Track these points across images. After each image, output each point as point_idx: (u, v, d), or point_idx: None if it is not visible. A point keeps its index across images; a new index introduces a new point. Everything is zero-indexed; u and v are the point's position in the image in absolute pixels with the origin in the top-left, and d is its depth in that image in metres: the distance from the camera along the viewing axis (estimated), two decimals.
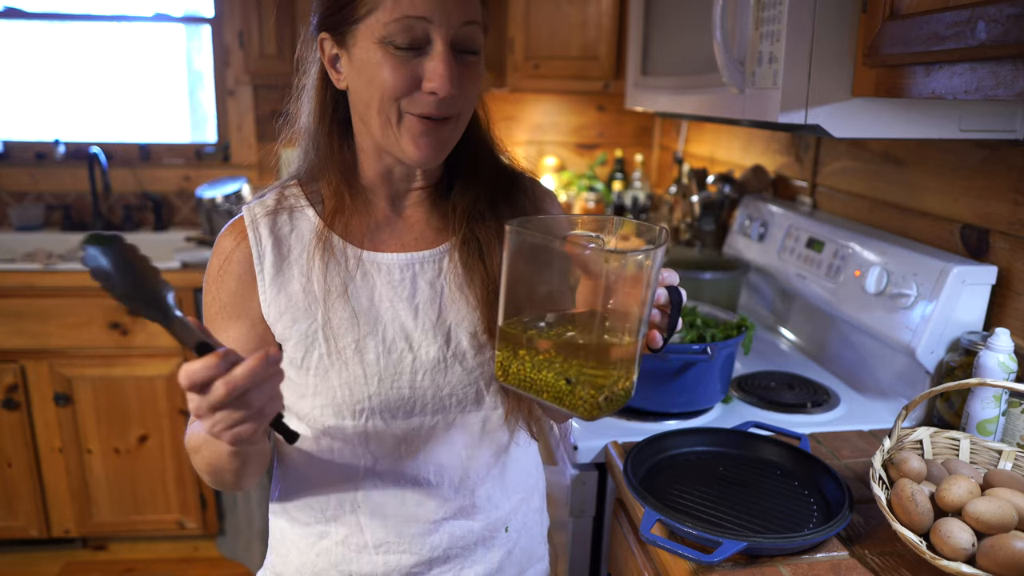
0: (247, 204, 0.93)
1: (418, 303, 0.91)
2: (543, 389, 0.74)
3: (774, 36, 1.07)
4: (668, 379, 1.25)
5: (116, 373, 2.38)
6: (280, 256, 0.90)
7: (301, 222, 0.91)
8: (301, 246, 0.90)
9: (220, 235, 0.92)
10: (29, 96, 2.94)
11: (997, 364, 1.09)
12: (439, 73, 0.81)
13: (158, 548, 2.63)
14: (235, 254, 0.90)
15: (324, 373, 0.88)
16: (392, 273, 0.91)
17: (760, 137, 2.14)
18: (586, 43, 2.55)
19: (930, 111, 1.10)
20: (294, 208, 0.92)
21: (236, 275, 0.90)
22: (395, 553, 0.93)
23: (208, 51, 2.88)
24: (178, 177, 2.90)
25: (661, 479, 1.06)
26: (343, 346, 0.88)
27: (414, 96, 0.82)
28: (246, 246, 0.90)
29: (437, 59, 0.81)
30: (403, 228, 0.94)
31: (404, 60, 0.81)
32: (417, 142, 0.84)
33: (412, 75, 0.82)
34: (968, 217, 1.30)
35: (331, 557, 0.94)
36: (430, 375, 0.90)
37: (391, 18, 0.80)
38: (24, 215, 2.74)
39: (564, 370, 0.73)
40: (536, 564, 1.06)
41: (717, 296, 1.77)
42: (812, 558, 0.90)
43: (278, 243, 0.90)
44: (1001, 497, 0.85)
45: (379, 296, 0.90)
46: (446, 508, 0.94)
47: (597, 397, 0.72)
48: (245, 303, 0.90)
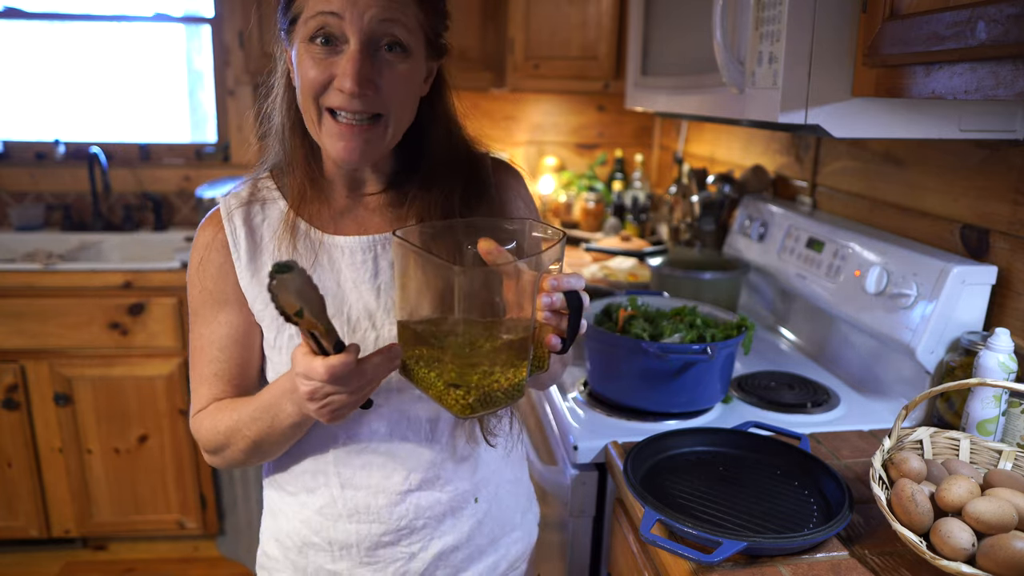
0: (223, 196, 0.98)
1: (380, 284, 0.95)
2: (428, 387, 0.81)
3: (774, 36, 1.07)
4: (668, 379, 1.25)
5: (116, 373, 2.38)
6: (253, 244, 0.95)
7: (272, 212, 0.97)
8: (271, 233, 0.95)
9: (198, 228, 0.98)
10: (29, 96, 2.94)
11: (997, 364, 1.09)
12: (345, 70, 0.83)
13: (158, 548, 2.63)
14: (213, 243, 0.95)
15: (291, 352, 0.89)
16: (355, 255, 0.95)
17: (760, 137, 2.14)
18: (586, 43, 2.55)
19: (930, 111, 1.10)
20: (266, 200, 0.97)
21: (217, 264, 0.95)
22: (365, 523, 0.97)
23: (208, 51, 2.88)
24: (178, 177, 2.90)
25: (661, 479, 1.06)
26: None
27: (329, 92, 0.85)
28: (222, 236, 0.95)
29: (346, 56, 0.84)
30: (364, 214, 0.98)
31: (322, 57, 0.84)
32: (335, 143, 0.86)
33: (328, 72, 0.84)
34: (968, 217, 1.30)
35: (312, 525, 0.99)
36: None
37: (310, 15, 0.84)
38: (24, 215, 2.74)
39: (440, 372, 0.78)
40: (511, 533, 1.07)
41: (717, 296, 1.77)
42: (812, 558, 0.90)
43: (251, 232, 0.95)
44: (1001, 497, 0.85)
45: (344, 278, 0.95)
46: (411, 480, 0.97)
47: (468, 398, 0.77)
48: (229, 289, 0.95)
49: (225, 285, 0.95)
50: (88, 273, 2.32)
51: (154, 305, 2.35)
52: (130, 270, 2.33)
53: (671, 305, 1.44)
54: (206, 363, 0.97)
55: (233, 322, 0.96)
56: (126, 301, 2.34)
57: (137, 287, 2.33)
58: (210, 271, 0.95)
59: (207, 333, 0.96)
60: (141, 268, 2.34)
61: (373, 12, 0.83)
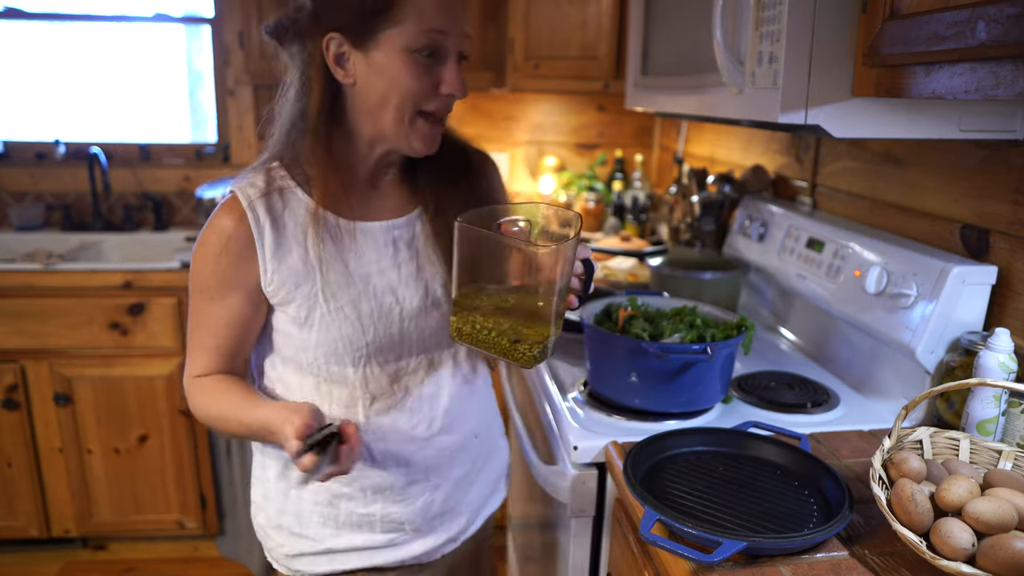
0: (236, 185, 1.03)
1: (400, 262, 1.08)
2: (491, 347, 0.94)
3: (774, 36, 1.07)
4: (668, 379, 1.25)
5: (116, 373, 2.38)
6: (277, 232, 1.02)
7: (292, 201, 1.04)
8: (295, 222, 1.03)
9: (216, 215, 1.03)
10: (29, 96, 2.94)
11: (997, 364, 1.09)
12: (455, 78, 0.99)
13: (158, 548, 2.63)
14: (236, 233, 1.01)
15: (326, 328, 1.04)
16: (377, 238, 1.07)
17: (760, 137, 2.14)
18: (586, 43, 2.55)
19: (930, 111, 1.10)
20: (284, 188, 1.04)
21: (236, 252, 1.01)
22: (398, 467, 1.12)
23: (208, 51, 2.88)
24: (178, 177, 2.90)
25: (661, 479, 1.06)
26: (342, 304, 1.04)
27: (431, 99, 0.99)
28: (246, 226, 1.01)
29: (451, 66, 0.99)
30: (381, 200, 1.10)
31: (426, 67, 0.97)
32: (425, 139, 1.01)
33: (431, 80, 0.98)
34: (968, 217, 1.30)
35: (342, 478, 1.08)
36: (415, 321, 1.08)
37: (418, 30, 0.95)
38: (24, 215, 2.74)
39: (505, 331, 0.93)
40: (497, 455, 1.31)
41: (717, 296, 1.77)
42: (812, 558, 0.90)
43: (275, 221, 1.02)
44: (1001, 497, 0.85)
45: (368, 259, 1.06)
46: (433, 427, 1.13)
47: (533, 351, 0.92)
48: (243, 276, 1.03)
49: (240, 273, 1.02)
50: (88, 273, 2.32)
51: (154, 305, 2.35)
52: (130, 270, 2.33)
53: (671, 305, 1.44)
54: (208, 335, 1.06)
55: (241, 308, 1.05)
56: (126, 301, 2.34)
57: (137, 287, 2.33)
58: (229, 258, 1.01)
59: (215, 311, 1.04)
60: (141, 268, 2.34)
61: (464, 30, 0.99)
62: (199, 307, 1.05)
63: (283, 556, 1.17)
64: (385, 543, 1.15)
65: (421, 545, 1.17)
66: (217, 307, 1.04)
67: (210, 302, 1.04)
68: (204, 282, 1.03)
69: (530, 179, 3.08)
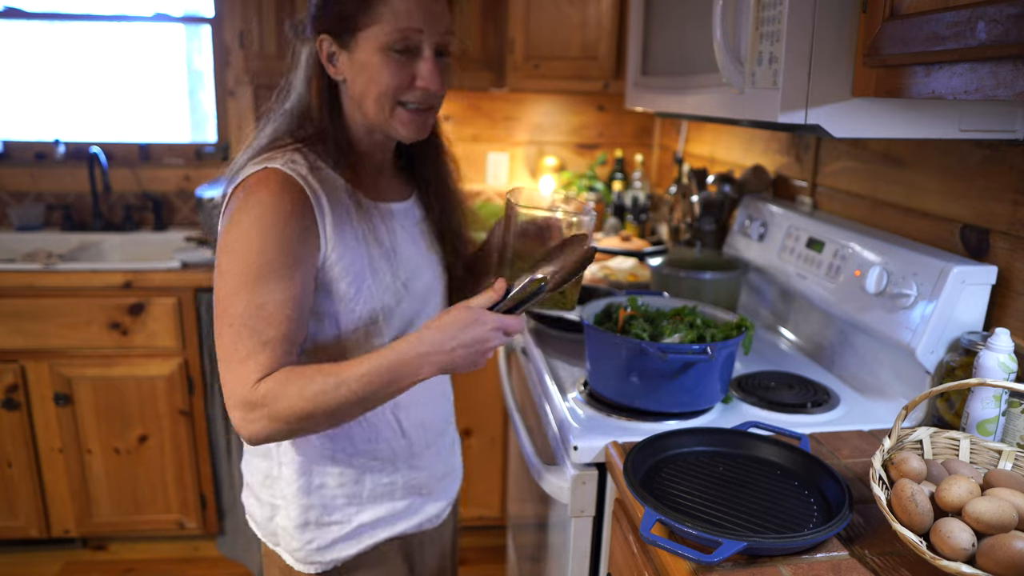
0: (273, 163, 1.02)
1: (415, 238, 1.19)
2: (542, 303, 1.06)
3: (774, 36, 1.07)
4: (668, 379, 1.25)
5: (116, 373, 2.38)
6: (331, 207, 1.05)
7: (328, 180, 1.07)
8: (336, 199, 1.06)
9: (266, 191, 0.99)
10: (29, 96, 2.94)
11: (997, 364, 1.09)
12: (430, 73, 1.06)
13: (158, 548, 2.63)
14: (298, 207, 1.00)
15: (370, 300, 1.09)
16: (397, 218, 1.16)
17: (760, 137, 2.14)
18: (586, 43, 2.55)
19: (930, 111, 1.10)
20: (318, 168, 1.06)
21: (302, 225, 1.01)
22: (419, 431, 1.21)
23: (208, 51, 2.88)
24: (178, 177, 2.90)
25: (661, 479, 1.06)
26: (384, 276, 1.10)
27: (408, 91, 1.06)
28: (306, 198, 1.02)
29: (426, 62, 1.05)
30: (386, 183, 1.19)
31: (401, 63, 1.04)
32: (407, 126, 1.09)
33: (407, 75, 1.05)
34: (968, 217, 1.30)
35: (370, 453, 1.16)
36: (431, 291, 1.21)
37: (393, 28, 1.02)
38: (24, 215, 2.74)
39: None
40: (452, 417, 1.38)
41: (717, 296, 1.77)
42: (812, 558, 0.90)
43: (326, 196, 1.05)
44: (1001, 497, 0.85)
45: (399, 238, 1.15)
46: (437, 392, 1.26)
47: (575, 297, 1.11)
48: (305, 249, 1.02)
49: (303, 247, 1.01)
50: (88, 273, 2.32)
51: (154, 305, 2.35)
52: (130, 270, 2.33)
53: (671, 305, 1.44)
54: (274, 325, 0.97)
55: (307, 285, 1.02)
56: (126, 301, 2.34)
57: (137, 287, 2.33)
58: (296, 232, 0.99)
59: (279, 294, 0.97)
60: (141, 268, 2.34)
61: (441, 28, 1.05)
62: (256, 296, 0.96)
63: (313, 552, 1.15)
64: (405, 509, 1.21)
65: (434, 507, 1.26)
66: (283, 288, 0.98)
67: (274, 284, 0.97)
68: (266, 263, 0.97)
69: (530, 179, 3.08)
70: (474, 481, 2.57)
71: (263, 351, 0.96)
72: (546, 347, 1.64)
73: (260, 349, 0.96)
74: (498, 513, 2.62)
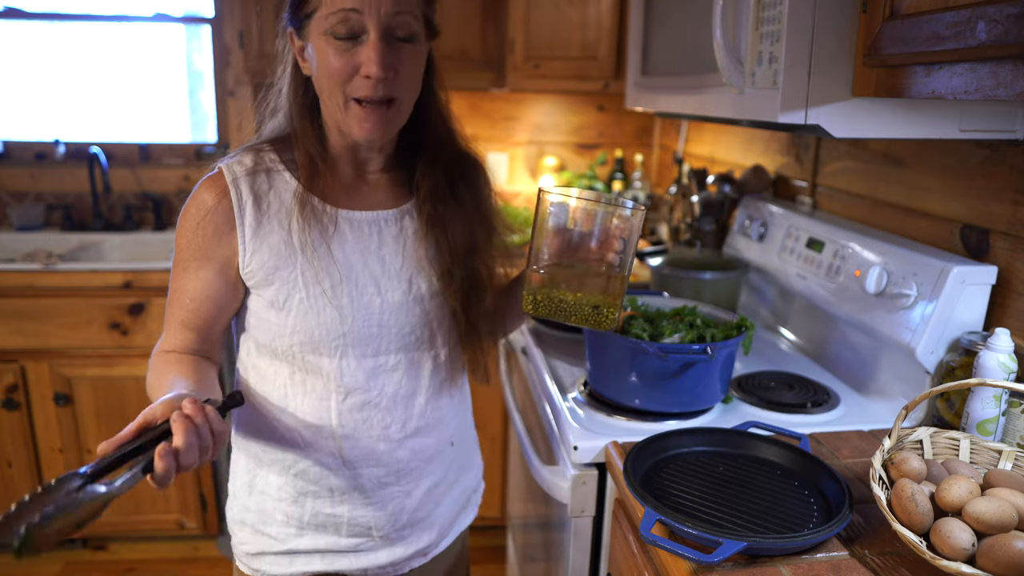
0: (223, 162, 1.04)
1: (384, 254, 1.07)
2: (572, 315, 0.98)
3: (774, 36, 1.07)
4: (668, 379, 1.25)
5: (116, 373, 2.38)
6: (260, 212, 1.02)
7: (279, 183, 1.04)
8: (279, 203, 1.03)
9: (199, 187, 1.03)
10: (29, 96, 2.94)
11: (997, 364, 1.09)
12: (370, 58, 0.94)
13: (158, 548, 2.63)
14: (217, 208, 1.01)
15: (304, 314, 1.03)
16: (362, 228, 1.07)
17: (760, 137, 2.14)
18: (586, 43, 2.55)
19: (930, 111, 1.10)
20: (271, 170, 1.05)
21: (215, 225, 1.02)
22: (368, 467, 1.10)
23: (208, 51, 2.88)
24: (178, 177, 2.90)
25: (661, 479, 1.06)
26: (322, 290, 1.03)
27: (354, 81, 0.96)
28: (227, 201, 1.01)
29: (369, 46, 0.95)
30: (368, 190, 1.09)
31: (344, 49, 0.95)
32: (361, 124, 0.98)
33: (351, 62, 0.96)
34: (968, 217, 1.30)
35: (310, 475, 1.09)
36: (395, 315, 1.07)
37: (329, 11, 0.94)
38: (24, 215, 2.74)
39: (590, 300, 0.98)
40: (471, 470, 1.28)
41: (717, 296, 1.77)
42: (812, 558, 0.90)
43: (258, 200, 1.02)
44: (1001, 497, 0.85)
45: (351, 247, 1.05)
46: (407, 428, 1.11)
47: (614, 313, 0.99)
48: (218, 250, 1.02)
49: (216, 247, 1.02)
50: (88, 273, 2.32)
51: (154, 305, 2.35)
52: (130, 270, 2.33)
53: (671, 305, 1.44)
54: (180, 309, 1.05)
55: (212, 281, 1.04)
56: (126, 301, 2.34)
57: (137, 287, 2.33)
58: (207, 231, 1.02)
59: (185, 284, 1.04)
60: (141, 268, 2.34)
61: (387, 7, 0.95)
62: (174, 282, 1.06)
63: (244, 554, 1.15)
64: (350, 547, 1.12)
65: (388, 555, 1.14)
66: (190, 279, 1.03)
67: (183, 274, 1.04)
68: (179, 253, 1.04)
69: (530, 179, 3.08)
70: None
71: (173, 328, 1.06)
72: (546, 347, 1.64)
73: (171, 325, 1.06)
74: (498, 513, 2.61)
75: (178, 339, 1.06)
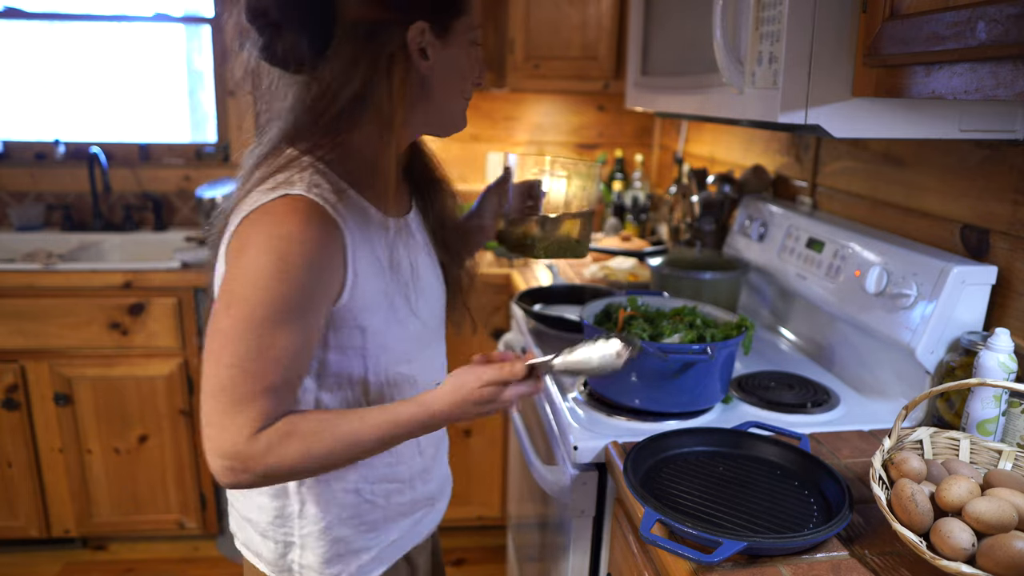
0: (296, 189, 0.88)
1: (427, 249, 1.11)
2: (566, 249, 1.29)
3: (774, 36, 1.07)
4: (668, 379, 1.25)
5: (116, 373, 2.38)
6: (359, 238, 0.93)
7: (353, 203, 0.94)
8: (364, 225, 0.94)
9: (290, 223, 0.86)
10: (29, 96, 2.94)
11: (997, 364, 1.09)
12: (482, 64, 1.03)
13: (158, 548, 2.63)
14: (331, 244, 0.89)
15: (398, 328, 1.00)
16: (411, 231, 1.07)
17: (760, 137, 2.14)
18: (586, 43, 2.55)
19: (930, 111, 1.10)
20: (342, 189, 0.93)
21: (327, 263, 0.89)
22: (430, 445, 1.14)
23: (208, 51, 2.88)
24: (178, 177, 2.90)
25: (661, 479, 1.06)
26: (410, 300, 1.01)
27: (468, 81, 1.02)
28: (337, 233, 0.89)
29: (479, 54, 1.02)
30: (400, 192, 1.07)
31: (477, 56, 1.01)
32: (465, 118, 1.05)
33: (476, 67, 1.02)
34: (968, 217, 1.30)
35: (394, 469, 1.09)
36: (441, 301, 1.13)
37: (477, 22, 0.98)
38: (24, 215, 2.74)
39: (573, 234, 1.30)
40: None
41: (717, 296, 1.77)
42: (812, 558, 0.90)
43: (355, 227, 0.92)
44: (1001, 497, 0.85)
45: (412, 253, 1.04)
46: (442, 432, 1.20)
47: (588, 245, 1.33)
48: (329, 291, 0.90)
49: (327, 288, 0.90)
50: (88, 273, 2.32)
51: (154, 305, 2.35)
52: (130, 270, 2.33)
53: (671, 305, 1.44)
54: (277, 371, 0.86)
55: (319, 328, 0.91)
56: (126, 301, 2.34)
57: (137, 287, 2.33)
58: (316, 271, 0.87)
59: (290, 339, 0.86)
60: (141, 268, 2.34)
61: None
62: (265, 338, 0.84)
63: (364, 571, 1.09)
64: (419, 522, 1.15)
65: (439, 514, 1.20)
66: (296, 331, 0.86)
67: (287, 327, 0.85)
68: (282, 304, 0.85)
69: None
70: (474, 481, 2.57)
71: (264, 397, 0.85)
72: (546, 347, 1.64)
73: (261, 395, 0.85)
74: (498, 513, 2.62)
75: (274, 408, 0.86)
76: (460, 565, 2.58)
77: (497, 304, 2.45)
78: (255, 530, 1.07)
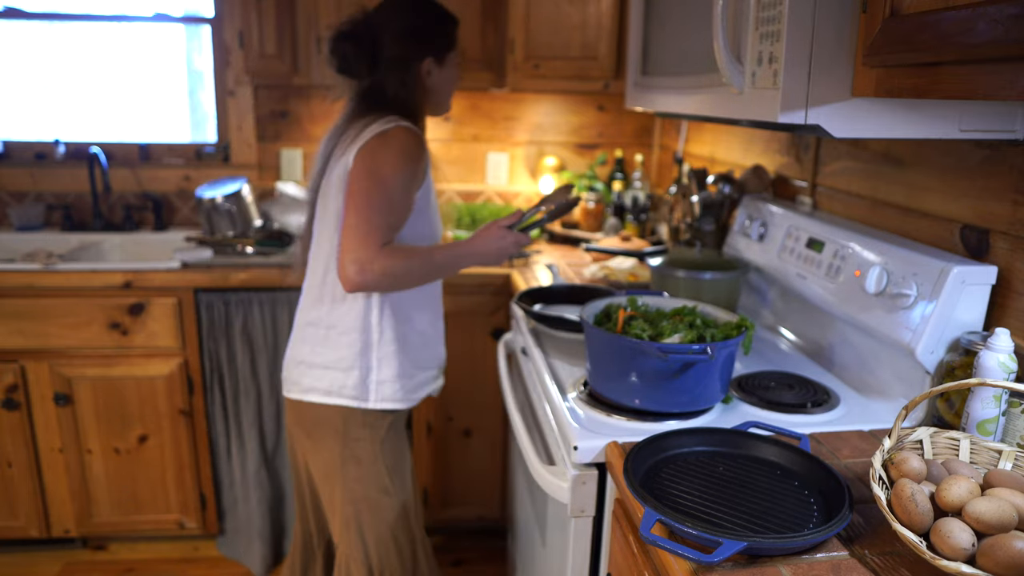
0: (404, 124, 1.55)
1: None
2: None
3: (774, 36, 1.07)
4: (668, 379, 1.25)
5: (116, 373, 2.38)
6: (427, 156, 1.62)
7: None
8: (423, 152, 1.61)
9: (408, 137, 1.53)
10: (29, 96, 2.94)
11: (997, 364, 1.09)
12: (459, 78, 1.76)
13: (158, 548, 2.63)
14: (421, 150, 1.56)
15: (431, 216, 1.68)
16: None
17: (760, 137, 2.14)
18: (586, 43, 2.55)
19: (930, 111, 1.10)
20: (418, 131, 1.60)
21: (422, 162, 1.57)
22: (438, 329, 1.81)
23: (208, 51, 2.88)
24: (178, 177, 2.90)
25: (661, 479, 1.06)
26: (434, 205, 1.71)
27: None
28: (424, 147, 1.58)
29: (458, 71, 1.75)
30: None
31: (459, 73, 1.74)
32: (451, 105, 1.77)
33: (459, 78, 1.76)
34: (968, 217, 1.30)
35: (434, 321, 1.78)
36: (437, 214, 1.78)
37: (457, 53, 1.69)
38: (24, 215, 2.74)
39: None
40: None
41: (717, 296, 1.77)
42: (812, 558, 0.90)
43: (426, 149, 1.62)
44: (1001, 497, 0.85)
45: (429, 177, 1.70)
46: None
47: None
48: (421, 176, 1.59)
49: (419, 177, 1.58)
50: (88, 273, 2.32)
51: (154, 305, 2.35)
52: (130, 270, 2.33)
53: (671, 305, 1.44)
54: (395, 216, 1.52)
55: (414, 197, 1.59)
56: (126, 301, 2.34)
57: (137, 287, 2.33)
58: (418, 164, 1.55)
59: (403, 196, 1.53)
60: (141, 268, 2.34)
61: None
62: (393, 193, 1.49)
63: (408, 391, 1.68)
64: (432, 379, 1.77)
65: (436, 386, 1.80)
66: (406, 194, 1.53)
67: (403, 191, 1.51)
68: (403, 179, 1.51)
69: (530, 179, 3.08)
70: (474, 481, 2.57)
71: (385, 228, 1.48)
72: (546, 347, 1.64)
73: (385, 228, 1.48)
74: (498, 513, 2.62)
75: (390, 236, 1.49)
76: (460, 565, 2.58)
77: (497, 304, 2.45)
78: (340, 368, 1.62)
